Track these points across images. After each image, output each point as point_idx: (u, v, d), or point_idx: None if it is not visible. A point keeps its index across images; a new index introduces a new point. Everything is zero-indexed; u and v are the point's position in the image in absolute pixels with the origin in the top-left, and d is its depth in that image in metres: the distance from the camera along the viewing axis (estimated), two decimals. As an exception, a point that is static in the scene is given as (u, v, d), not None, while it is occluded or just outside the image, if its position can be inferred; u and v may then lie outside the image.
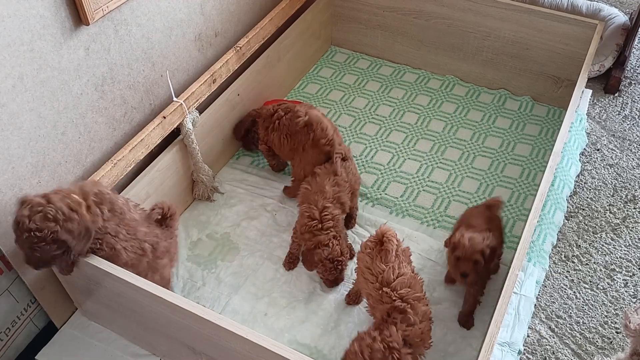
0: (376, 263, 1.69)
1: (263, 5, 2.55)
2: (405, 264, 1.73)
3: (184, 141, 2.16)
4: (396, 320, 1.61)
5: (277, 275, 2.09)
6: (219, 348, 1.58)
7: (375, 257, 1.70)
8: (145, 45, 1.98)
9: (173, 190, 2.17)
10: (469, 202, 2.31)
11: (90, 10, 1.68)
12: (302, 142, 2.11)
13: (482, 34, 2.66)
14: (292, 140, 2.14)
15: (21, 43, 1.55)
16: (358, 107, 2.74)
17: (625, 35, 2.79)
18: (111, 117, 1.95)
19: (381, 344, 1.54)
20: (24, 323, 1.92)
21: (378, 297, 1.67)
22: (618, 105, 2.79)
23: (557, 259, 2.17)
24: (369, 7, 2.84)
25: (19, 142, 1.64)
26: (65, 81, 1.72)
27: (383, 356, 1.53)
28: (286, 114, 2.15)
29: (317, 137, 2.08)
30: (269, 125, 2.20)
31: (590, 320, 1.99)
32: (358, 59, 3.01)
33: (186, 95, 2.12)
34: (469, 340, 1.89)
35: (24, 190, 1.70)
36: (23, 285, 1.84)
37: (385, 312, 1.65)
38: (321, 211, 1.95)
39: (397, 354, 1.54)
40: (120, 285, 1.62)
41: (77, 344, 1.93)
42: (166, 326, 1.67)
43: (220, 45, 2.36)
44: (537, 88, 2.71)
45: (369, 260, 1.72)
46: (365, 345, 1.55)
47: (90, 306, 1.91)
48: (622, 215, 2.31)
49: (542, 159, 2.47)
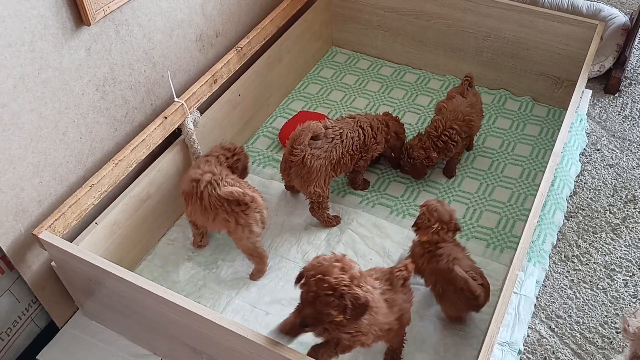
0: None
1: (264, 5, 2.55)
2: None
3: (185, 141, 2.16)
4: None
5: (278, 274, 2.09)
6: (220, 348, 1.59)
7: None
8: (147, 46, 1.98)
9: (174, 190, 2.17)
10: (469, 202, 2.31)
11: (92, 10, 1.68)
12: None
13: (483, 35, 2.66)
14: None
15: (22, 43, 1.56)
16: (359, 108, 2.74)
17: (626, 35, 2.80)
18: (112, 118, 1.95)
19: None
20: (25, 323, 1.92)
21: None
22: (618, 105, 2.79)
23: (557, 259, 2.17)
24: (369, 7, 2.84)
25: (20, 142, 1.65)
26: (66, 81, 1.73)
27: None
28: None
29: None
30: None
31: (590, 320, 1.99)
32: (359, 59, 3.01)
33: (187, 95, 2.13)
34: (469, 340, 1.89)
35: (25, 190, 1.71)
36: (24, 285, 1.85)
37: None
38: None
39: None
40: (121, 285, 1.63)
41: (78, 343, 1.94)
42: (167, 326, 1.67)
43: (221, 45, 2.36)
44: (537, 88, 2.71)
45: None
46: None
47: (91, 306, 1.91)
48: (622, 216, 2.32)
49: (542, 159, 2.47)
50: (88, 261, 1.62)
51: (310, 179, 2.05)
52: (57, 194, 1.82)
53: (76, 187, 1.85)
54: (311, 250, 2.15)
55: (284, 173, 2.12)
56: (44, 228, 1.72)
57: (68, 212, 1.78)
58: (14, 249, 1.73)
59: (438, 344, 1.89)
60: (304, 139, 2.00)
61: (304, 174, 2.04)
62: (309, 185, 2.06)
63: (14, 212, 1.70)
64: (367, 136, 2.17)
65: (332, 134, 2.09)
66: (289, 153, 2.03)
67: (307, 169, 2.03)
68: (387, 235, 2.19)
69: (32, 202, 1.74)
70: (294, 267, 2.10)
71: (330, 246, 2.16)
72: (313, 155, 2.03)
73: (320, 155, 2.05)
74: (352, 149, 2.13)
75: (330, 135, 2.09)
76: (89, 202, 1.85)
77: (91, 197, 1.85)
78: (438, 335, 1.90)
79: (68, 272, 1.80)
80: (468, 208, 2.29)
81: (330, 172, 2.10)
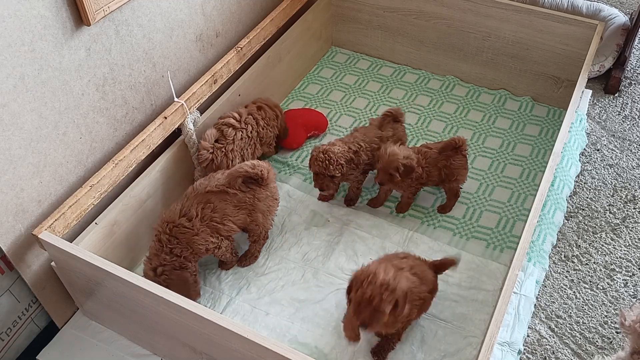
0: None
1: (264, 5, 2.55)
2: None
3: (185, 141, 2.16)
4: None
5: (278, 274, 2.09)
6: (220, 348, 1.59)
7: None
8: (147, 46, 1.99)
9: (174, 190, 2.17)
10: (469, 202, 2.31)
11: (92, 10, 1.68)
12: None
13: (482, 35, 2.66)
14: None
15: (22, 43, 1.56)
16: (359, 108, 2.74)
17: (625, 35, 2.80)
18: (112, 118, 1.95)
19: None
20: (25, 323, 1.92)
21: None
22: (618, 105, 2.79)
23: (557, 259, 2.17)
24: (369, 7, 2.84)
25: (20, 142, 1.65)
26: (66, 81, 1.73)
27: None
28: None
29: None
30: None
31: (590, 320, 1.99)
32: (358, 59, 3.01)
33: (187, 95, 2.13)
34: (469, 340, 1.89)
35: (25, 190, 1.71)
36: (24, 285, 1.85)
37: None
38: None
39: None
40: (121, 285, 1.63)
41: (78, 344, 1.94)
42: (167, 326, 1.67)
43: (221, 45, 2.36)
44: (537, 88, 2.71)
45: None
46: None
47: (91, 306, 1.91)
48: (622, 215, 2.32)
49: (542, 159, 2.47)
50: (88, 261, 1.62)
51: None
52: (57, 194, 1.82)
53: (76, 187, 1.85)
54: (311, 251, 2.15)
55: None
56: (43, 228, 1.72)
57: (68, 212, 1.78)
58: (14, 249, 1.73)
59: (438, 343, 1.89)
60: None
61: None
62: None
63: (14, 212, 1.70)
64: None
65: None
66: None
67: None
68: (386, 236, 2.19)
69: (32, 202, 1.74)
70: (294, 267, 2.11)
71: (330, 246, 2.16)
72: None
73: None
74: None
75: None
76: (89, 202, 1.85)
77: (91, 197, 1.85)
78: (438, 335, 1.91)
79: (68, 272, 1.80)
80: (468, 208, 2.29)
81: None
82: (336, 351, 1.88)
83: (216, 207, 1.90)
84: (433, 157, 2.16)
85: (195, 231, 1.87)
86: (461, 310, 1.97)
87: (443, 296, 2.00)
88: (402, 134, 2.31)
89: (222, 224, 1.92)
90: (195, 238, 1.87)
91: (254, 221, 2.00)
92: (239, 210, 1.94)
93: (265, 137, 2.33)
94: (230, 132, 2.17)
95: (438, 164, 2.15)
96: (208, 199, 1.90)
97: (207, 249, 1.91)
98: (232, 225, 1.94)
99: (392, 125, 2.28)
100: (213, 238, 1.91)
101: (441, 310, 1.97)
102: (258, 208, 1.97)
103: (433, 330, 1.92)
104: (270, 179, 1.98)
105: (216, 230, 1.91)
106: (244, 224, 1.99)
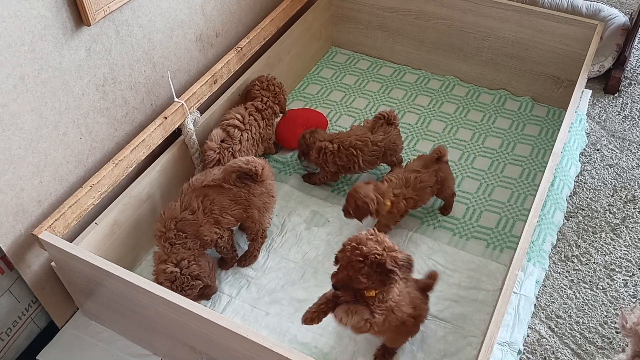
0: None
1: (264, 6, 2.55)
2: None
3: (185, 141, 2.16)
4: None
5: (278, 274, 2.09)
6: (220, 347, 1.59)
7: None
8: (147, 46, 1.99)
9: (174, 190, 2.17)
10: (469, 202, 2.31)
11: (92, 10, 1.68)
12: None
13: (482, 35, 2.66)
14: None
15: (22, 43, 1.56)
16: (358, 108, 2.74)
17: (625, 35, 2.80)
18: (112, 118, 1.95)
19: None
20: (25, 323, 1.93)
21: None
22: (618, 105, 2.79)
23: (556, 259, 2.18)
24: (369, 7, 2.84)
25: (20, 142, 1.65)
26: (66, 81, 1.73)
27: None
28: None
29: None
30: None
31: (590, 320, 2.00)
32: (358, 59, 3.01)
33: (187, 95, 2.13)
34: (469, 340, 1.90)
35: (25, 190, 1.71)
36: (24, 285, 1.85)
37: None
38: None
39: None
40: (121, 285, 1.63)
41: (78, 343, 1.94)
42: (167, 326, 1.68)
43: (221, 45, 2.36)
44: (537, 88, 2.71)
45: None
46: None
47: (91, 306, 1.91)
48: (621, 215, 2.32)
49: (542, 159, 2.47)
50: (88, 261, 1.62)
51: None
52: (57, 194, 1.83)
53: (76, 187, 1.85)
54: (311, 251, 2.15)
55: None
56: (43, 228, 1.72)
57: (68, 212, 1.78)
58: (14, 249, 1.73)
59: (438, 343, 1.89)
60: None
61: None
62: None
63: (14, 212, 1.70)
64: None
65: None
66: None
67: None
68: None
69: (32, 202, 1.75)
70: (294, 267, 2.11)
71: (330, 246, 2.16)
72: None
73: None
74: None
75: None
76: (89, 202, 1.85)
77: (91, 198, 1.85)
78: (438, 335, 1.91)
79: (68, 272, 1.80)
80: (468, 208, 2.29)
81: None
82: (336, 351, 1.88)
83: (214, 200, 1.92)
84: (425, 179, 2.10)
85: (200, 222, 1.90)
86: (461, 310, 1.97)
87: (443, 296, 2.00)
88: (395, 137, 2.27)
89: (221, 216, 1.94)
90: (201, 229, 1.90)
91: (250, 217, 2.00)
92: (235, 205, 1.96)
93: (266, 136, 2.34)
94: (237, 133, 2.17)
95: (430, 181, 2.10)
96: (206, 192, 1.92)
97: (211, 239, 1.94)
98: (230, 218, 1.96)
99: (385, 128, 2.25)
100: (216, 228, 1.94)
101: (441, 310, 1.97)
102: (253, 204, 1.98)
103: (433, 330, 1.92)
104: (265, 176, 1.98)
105: (217, 222, 1.94)
106: (240, 219, 2.00)
